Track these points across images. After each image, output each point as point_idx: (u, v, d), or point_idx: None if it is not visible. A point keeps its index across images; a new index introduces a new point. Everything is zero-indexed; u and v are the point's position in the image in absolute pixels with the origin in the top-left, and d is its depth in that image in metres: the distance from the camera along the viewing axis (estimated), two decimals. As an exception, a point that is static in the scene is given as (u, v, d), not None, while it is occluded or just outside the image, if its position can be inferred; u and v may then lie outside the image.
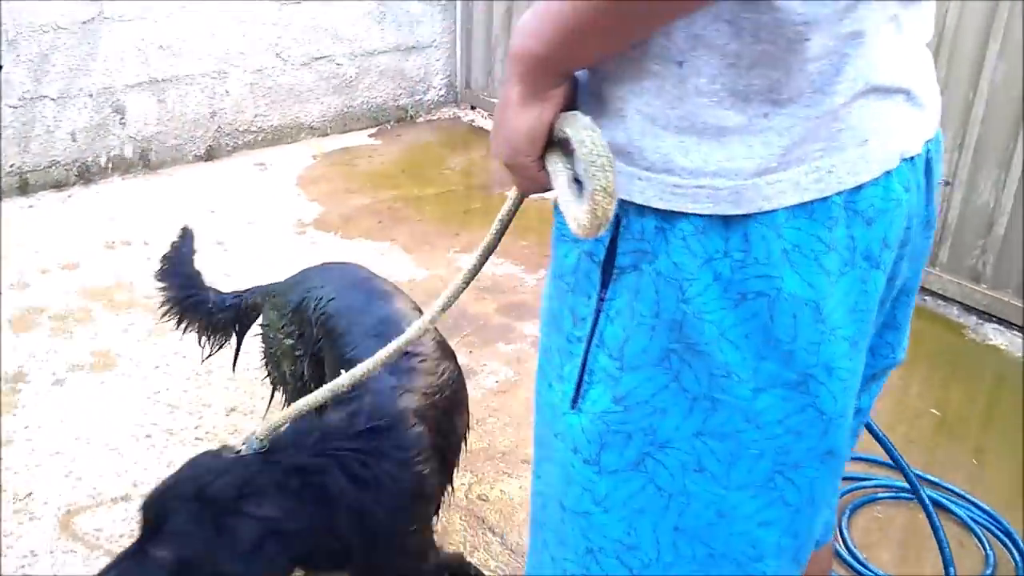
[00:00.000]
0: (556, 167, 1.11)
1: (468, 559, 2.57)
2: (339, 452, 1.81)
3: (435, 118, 6.53)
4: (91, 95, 5.00)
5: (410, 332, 1.50)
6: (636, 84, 1.06)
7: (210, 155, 5.57)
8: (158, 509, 1.63)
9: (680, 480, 1.19)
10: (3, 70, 4.64)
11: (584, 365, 1.20)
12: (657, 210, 1.10)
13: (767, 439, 1.17)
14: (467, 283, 1.43)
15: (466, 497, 2.93)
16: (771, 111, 1.04)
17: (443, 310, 1.45)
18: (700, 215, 1.08)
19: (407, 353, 2.03)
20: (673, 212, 1.09)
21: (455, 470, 2.30)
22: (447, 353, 2.29)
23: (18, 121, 4.80)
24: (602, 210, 1.02)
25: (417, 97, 6.41)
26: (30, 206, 4.83)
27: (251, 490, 1.64)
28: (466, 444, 2.39)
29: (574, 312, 1.21)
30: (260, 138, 5.76)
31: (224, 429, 3.19)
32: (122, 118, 5.15)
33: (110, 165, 5.19)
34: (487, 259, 1.42)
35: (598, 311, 1.17)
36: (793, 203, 1.07)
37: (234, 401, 3.34)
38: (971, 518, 2.79)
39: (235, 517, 1.61)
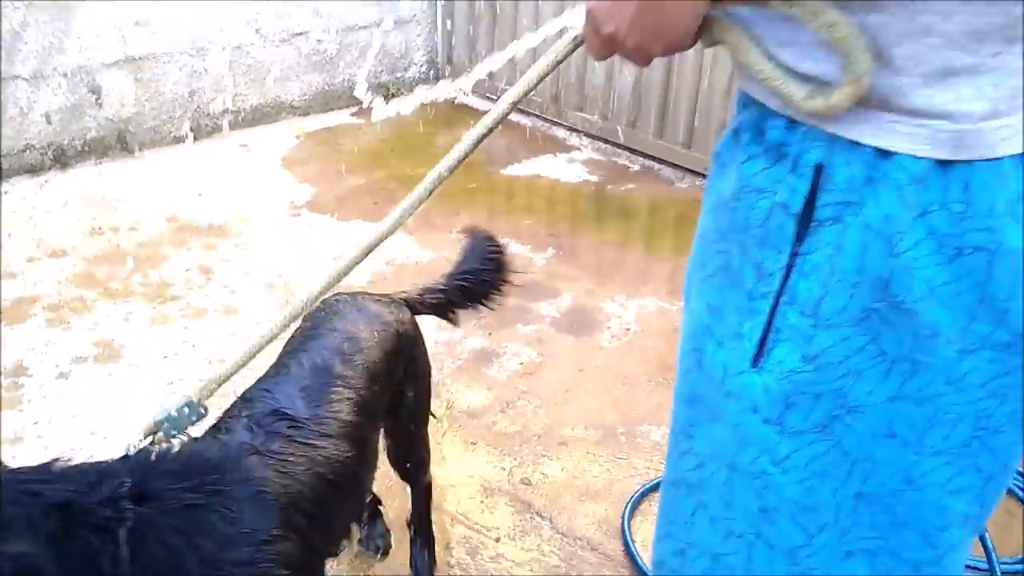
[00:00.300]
0: (751, 52, 1.06)
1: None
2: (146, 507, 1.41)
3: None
4: (66, 75, 4.76)
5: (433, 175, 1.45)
6: (862, 17, 0.98)
7: (190, 135, 5.36)
8: None
9: (868, 446, 1.12)
10: (-28, 49, 4.39)
11: (770, 323, 1.12)
12: (867, 158, 1.02)
13: (968, 403, 1.09)
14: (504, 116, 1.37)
15: (509, 482, 2.84)
16: (1003, 50, 0.96)
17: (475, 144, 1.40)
18: (917, 158, 1.00)
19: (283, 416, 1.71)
20: (886, 158, 1.01)
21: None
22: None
23: (-11, 103, 4.55)
24: (860, 92, 0.98)
25: (398, 74, 6.25)
26: (5, 192, 4.58)
27: None
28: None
29: (760, 267, 1.12)
30: (241, 118, 5.56)
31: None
32: (98, 98, 4.91)
33: (87, 148, 4.96)
34: (528, 92, 1.34)
35: (790, 266, 1.09)
36: (1020, 151, 1.00)
37: (252, 389, 3.20)
38: None
39: None
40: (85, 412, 3.02)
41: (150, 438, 1.51)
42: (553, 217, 4.78)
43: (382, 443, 2.12)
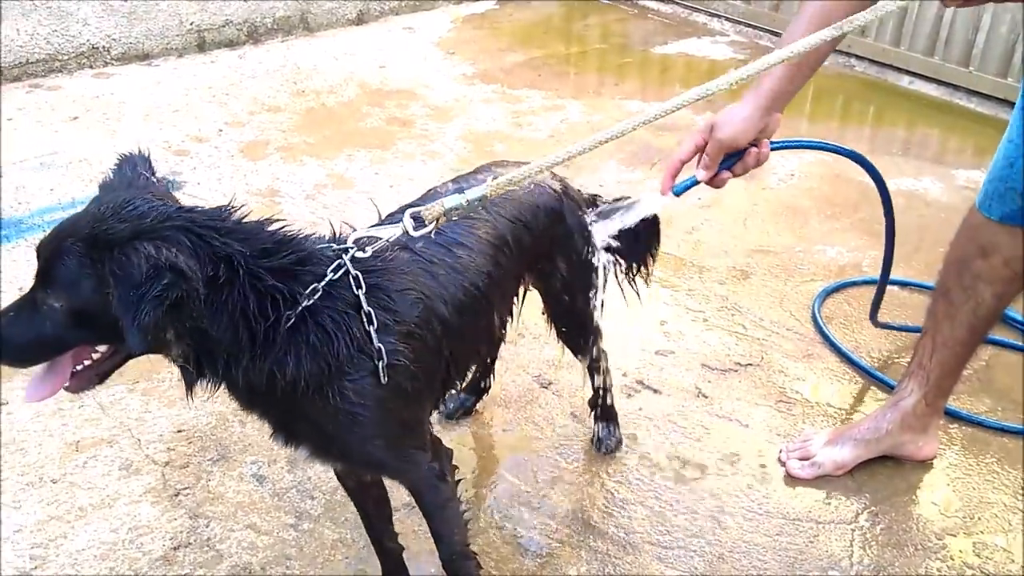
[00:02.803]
0: None
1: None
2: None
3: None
4: (260, -43, 5.25)
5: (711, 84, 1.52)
6: None
7: (360, 19, 5.82)
8: (50, 252, 1.35)
9: None
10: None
11: None
12: None
13: None
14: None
15: (706, 288, 3.28)
16: None
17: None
18: None
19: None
20: None
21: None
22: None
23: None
24: None
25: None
26: (212, 62, 5.12)
27: (150, 236, 1.32)
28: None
29: None
30: (404, 5, 6.00)
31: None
32: (284, -20, 5.40)
33: (275, 26, 5.46)
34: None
35: None
36: None
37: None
38: None
39: (126, 251, 1.29)
40: (335, 221, 3.53)
41: (433, 223, 1.57)
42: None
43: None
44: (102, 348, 1.43)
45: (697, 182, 1.91)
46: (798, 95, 2.01)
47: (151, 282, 1.26)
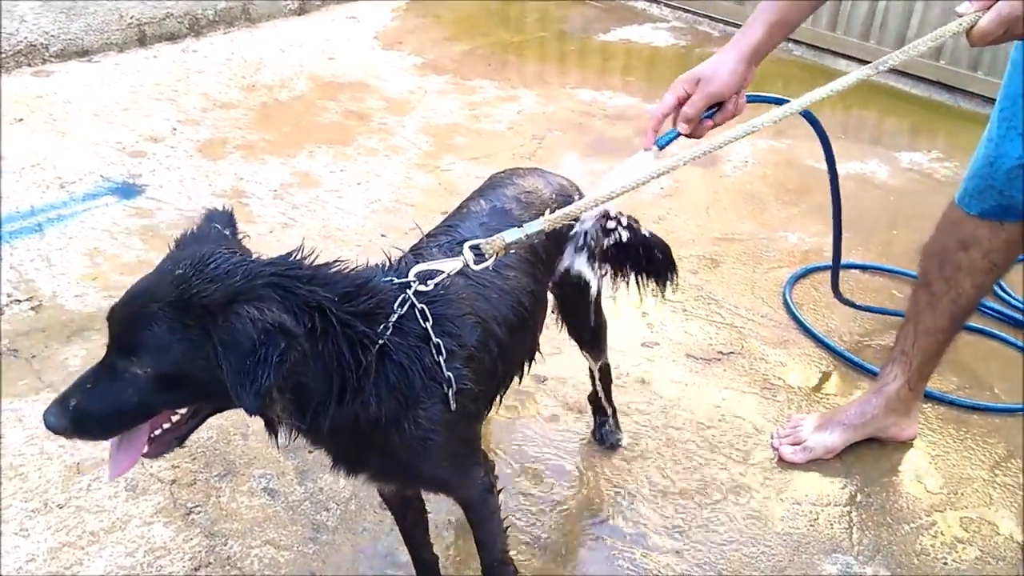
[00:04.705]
0: None
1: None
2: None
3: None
4: (200, -52, 5.11)
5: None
6: None
7: (302, 9, 5.73)
8: (131, 318, 1.31)
9: None
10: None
11: None
12: None
13: None
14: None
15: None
16: None
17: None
18: None
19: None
20: None
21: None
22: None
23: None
24: None
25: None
26: (154, 56, 4.98)
27: (247, 297, 1.29)
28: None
29: None
30: (342, -7, 5.93)
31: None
32: (225, -29, 5.27)
33: (217, 18, 5.33)
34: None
35: None
36: None
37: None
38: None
39: (229, 318, 1.26)
40: (308, 223, 3.51)
41: (493, 256, 1.56)
42: (652, 74, 5.23)
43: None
44: (182, 410, 1.40)
45: (679, 135, 1.94)
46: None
47: (265, 347, 1.24)
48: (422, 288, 1.53)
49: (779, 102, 1.84)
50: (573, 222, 1.82)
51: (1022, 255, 2.36)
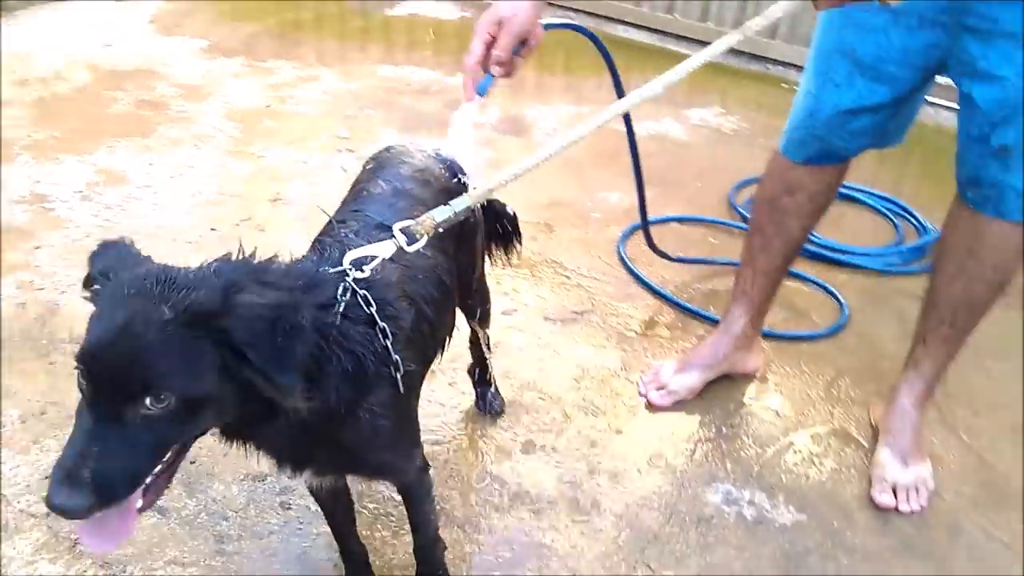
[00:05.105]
0: None
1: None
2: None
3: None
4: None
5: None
6: None
7: (60, -7, 5.27)
8: (127, 356, 1.17)
9: None
10: None
11: None
12: None
13: None
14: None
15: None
16: None
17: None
18: None
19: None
20: None
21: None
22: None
23: None
24: None
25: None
26: None
27: (238, 288, 1.24)
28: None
29: None
30: (103, -27, 5.49)
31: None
32: (-33, -48, 4.72)
33: (-37, 5, 4.79)
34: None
35: None
36: None
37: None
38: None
39: (229, 315, 1.21)
40: (127, 223, 3.28)
41: (424, 237, 1.58)
42: (443, 48, 5.28)
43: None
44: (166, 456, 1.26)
45: (494, 77, 1.99)
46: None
47: (283, 323, 1.21)
48: (359, 275, 1.51)
49: (577, 29, 1.95)
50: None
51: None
